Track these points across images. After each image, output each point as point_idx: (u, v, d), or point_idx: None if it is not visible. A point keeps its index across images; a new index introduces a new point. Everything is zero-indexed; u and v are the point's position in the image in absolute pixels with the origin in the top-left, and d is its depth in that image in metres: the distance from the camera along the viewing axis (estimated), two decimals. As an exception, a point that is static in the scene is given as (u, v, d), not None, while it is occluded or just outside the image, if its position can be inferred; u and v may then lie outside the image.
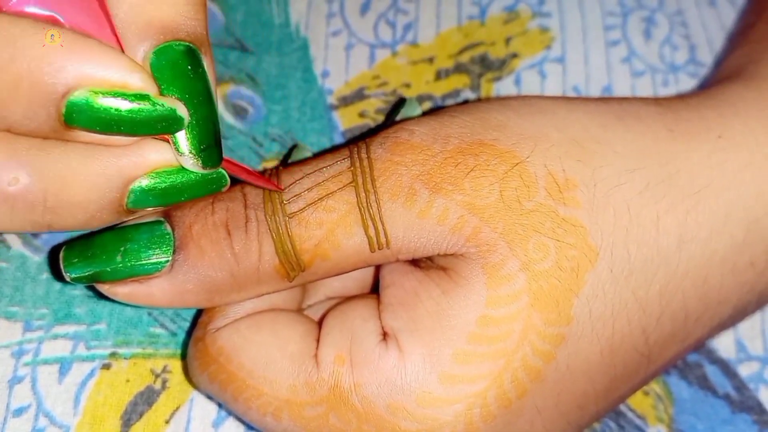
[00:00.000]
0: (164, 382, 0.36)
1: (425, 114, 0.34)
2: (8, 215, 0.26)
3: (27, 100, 0.24)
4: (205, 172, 0.28)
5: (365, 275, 0.35)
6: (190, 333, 0.35)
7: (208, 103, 0.27)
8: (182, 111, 0.26)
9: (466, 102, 0.43)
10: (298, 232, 0.31)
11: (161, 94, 0.26)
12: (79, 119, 0.25)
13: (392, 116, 0.35)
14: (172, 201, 0.28)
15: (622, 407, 0.38)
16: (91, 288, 0.37)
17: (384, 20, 0.46)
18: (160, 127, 0.26)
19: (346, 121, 0.43)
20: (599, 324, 0.30)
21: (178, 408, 0.36)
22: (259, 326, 0.32)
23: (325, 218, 0.31)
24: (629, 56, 0.46)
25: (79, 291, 0.37)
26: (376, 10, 0.46)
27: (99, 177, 0.27)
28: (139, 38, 0.26)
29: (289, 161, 0.35)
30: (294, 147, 0.36)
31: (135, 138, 0.27)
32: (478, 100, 0.43)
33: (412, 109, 0.35)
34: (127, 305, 0.37)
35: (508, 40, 0.46)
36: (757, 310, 0.36)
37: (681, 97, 0.35)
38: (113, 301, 0.36)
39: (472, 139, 0.31)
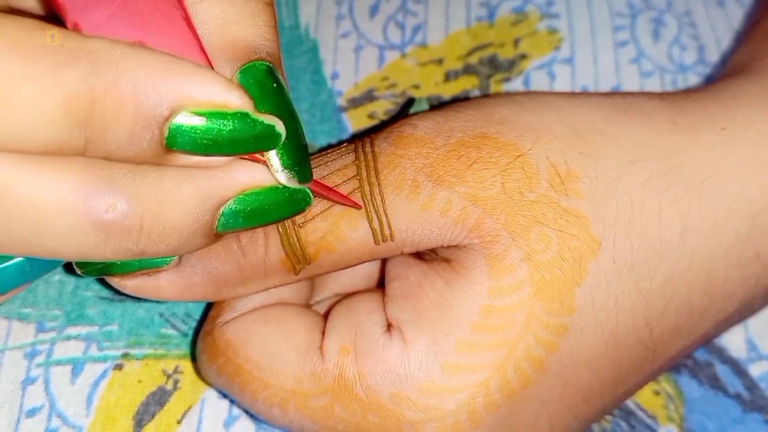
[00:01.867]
0: (176, 382, 0.36)
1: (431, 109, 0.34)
2: (102, 243, 0.25)
3: (131, 124, 0.24)
4: (298, 187, 0.28)
5: (372, 271, 0.36)
6: (199, 330, 0.35)
7: (295, 118, 0.27)
8: (280, 127, 0.26)
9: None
10: (303, 224, 0.31)
11: (257, 111, 0.26)
12: (181, 142, 0.24)
13: (401, 116, 0.36)
14: (259, 223, 0.28)
15: (633, 406, 0.38)
16: (103, 284, 0.37)
17: (393, 22, 0.46)
18: (259, 144, 0.26)
19: (356, 122, 0.43)
20: (602, 315, 0.30)
21: (189, 408, 0.36)
22: (266, 319, 0.33)
23: (330, 211, 0.31)
24: (638, 57, 0.46)
25: (91, 292, 0.37)
26: (385, 12, 0.46)
27: (194, 200, 0.26)
28: (226, 58, 0.26)
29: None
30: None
31: (229, 158, 0.26)
32: (484, 96, 0.44)
33: (422, 109, 0.35)
34: (139, 305, 0.37)
35: (516, 42, 0.46)
36: (765, 305, 0.36)
37: (685, 92, 0.35)
38: (125, 301, 0.36)
39: (475, 132, 0.31)
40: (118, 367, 0.36)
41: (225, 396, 0.36)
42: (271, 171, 0.27)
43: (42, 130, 0.23)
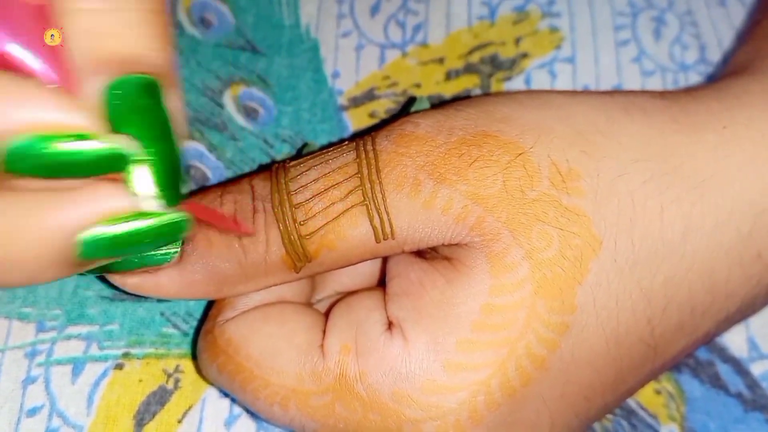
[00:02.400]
0: (176, 381, 0.36)
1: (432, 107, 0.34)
2: None
3: None
4: (163, 213, 0.26)
5: (373, 270, 0.36)
6: (200, 329, 0.35)
7: (165, 139, 0.25)
8: (129, 147, 0.24)
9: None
10: (305, 222, 0.31)
11: (114, 130, 0.24)
12: (20, 166, 0.23)
13: (402, 115, 0.36)
14: (127, 251, 0.26)
15: (634, 406, 0.38)
16: (104, 283, 0.37)
17: (394, 21, 0.46)
18: (107, 166, 0.24)
19: (357, 121, 0.43)
20: (604, 314, 0.30)
21: (190, 407, 0.36)
22: (267, 318, 0.33)
23: (331, 209, 0.31)
24: (639, 56, 0.46)
25: (91, 292, 0.37)
26: (386, 11, 0.46)
27: (46, 230, 0.24)
28: (95, 71, 0.24)
29: (299, 158, 0.35)
30: (305, 145, 0.37)
31: (82, 181, 0.25)
32: (485, 94, 0.44)
33: (423, 108, 0.35)
34: (140, 305, 0.37)
35: (518, 40, 0.46)
36: (767, 304, 0.36)
37: (687, 91, 0.35)
38: (125, 301, 0.36)
39: (476, 130, 0.31)
40: (119, 367, 0.36)
41: (226, 395, 0.36)
42: (129, 195, 0.25)
43: None
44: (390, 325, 0.31)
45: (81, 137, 0.23)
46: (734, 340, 0.40)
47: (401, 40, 0.46)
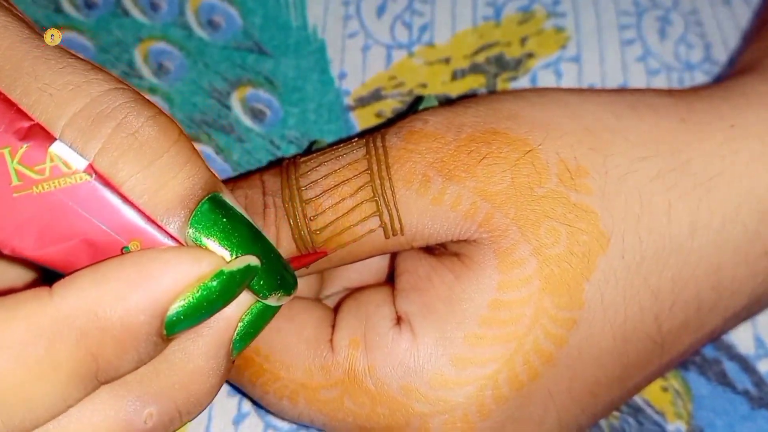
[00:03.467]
0: (185, 379, 0.37)
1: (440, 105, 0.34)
2: None
3: (134, 351, 0.24)
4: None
5: (381, 266, 0.36)
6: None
7: (258, 238, 0.27)
8: (254, 261, 0.26)
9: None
10: (315, 217, 0.31)
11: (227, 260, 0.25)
12: (179, 328, 0.24)
13: (410, 113, 0.36)
14: (261, 329, 0.28)
15: (641, 403, 0.38)
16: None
17: (400, 22, 0.46)
18: (244, 285, 0.26)
19: (363, 122, 0.43)
20: (611, 310, 0.31)
21: (198, 406, 0.36)
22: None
23: (341, 204, 0.31)
24: (644, 55, 0.46)
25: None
26: (392, 11, 0.47)
27: (208, 363, 0.26)
28: (169, 221, 0.25)
29: (309, 155, 0.36)
30: (314, 143, 0.37)
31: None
32: (493, 92, 0.44)
33: (431, 106, 0.35)
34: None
35: (523, 40, 0.46)
36: (773, 301, 0.36)
37: (694, 89, 0.35)
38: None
39: (485, 127, 0.32)
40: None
41: (234, 393, 0.36)
42: (260, 299, 0.27)
43: (62, 402, 0.24)
44: (399, 320, 0.31)
45: (218, 275, 0.25)
46: (741, 338, 0.40)
47: (407, 40, 0.46)
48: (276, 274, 0.27)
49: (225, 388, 0.36)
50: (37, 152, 0.24)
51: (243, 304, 0.27)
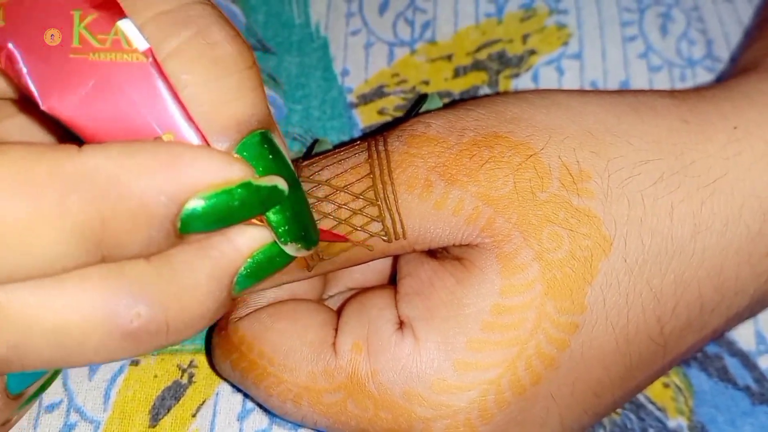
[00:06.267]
0: (191, 376, 0.37)
1: (442, 108, 0.34)
2: (134, 348, 0.25)
3: (145, 231, 0.24)
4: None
5: (384, 267, 0.36)
6: (213, 327, 0.36)
7: (296, 185, 0.27)
8: (282, 184, 0.26)
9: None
10: (317, 221, 0.31)
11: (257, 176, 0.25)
12: (194, 226, 0.24)
13: (414, 112, 0.36)
14: (271, 273, 0.28)
15: (643, 399, 0.38)
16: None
17: (402, 19, 0.46)
18: (266, 206, 0.26)
19: (366, 118, 0.43)
20: (614, 313, 0.31)
21: (204, 402, 0.36)
22: (279, 315, 0.33)
23: (343, 209, 0.31)
24: (646, 51, 0.46)
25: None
26: (395, 9, 0.47)
27: (210, 284, 0.26)
28: (218, 137, 0.25)
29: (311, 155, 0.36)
30: (316, 141, 0.37)
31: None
32: (495, 94, 0.44)
33: (435, 105, 0.35)
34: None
35: (525, 37, 0.46)
36: (775, 300, 0.36)
37: (696, 90, 0.35)
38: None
39: (487, 131, 0.32)
40: (135, 363, 0.37)
41: (239, 390, 0.37)
42: (279, 244, 0.27)
43: (58, 259, 0.23)
44: (401, 324, 0.31)
45: (245, 185, 0.25)
46: (742, 334, 0.40)
47: (410, 37, 0.46)
48: (302, 224, 0.27)
49: (230, 384, 0.37)
50: (104, 23, 0.24)
51: (257, 239, 0.27)
